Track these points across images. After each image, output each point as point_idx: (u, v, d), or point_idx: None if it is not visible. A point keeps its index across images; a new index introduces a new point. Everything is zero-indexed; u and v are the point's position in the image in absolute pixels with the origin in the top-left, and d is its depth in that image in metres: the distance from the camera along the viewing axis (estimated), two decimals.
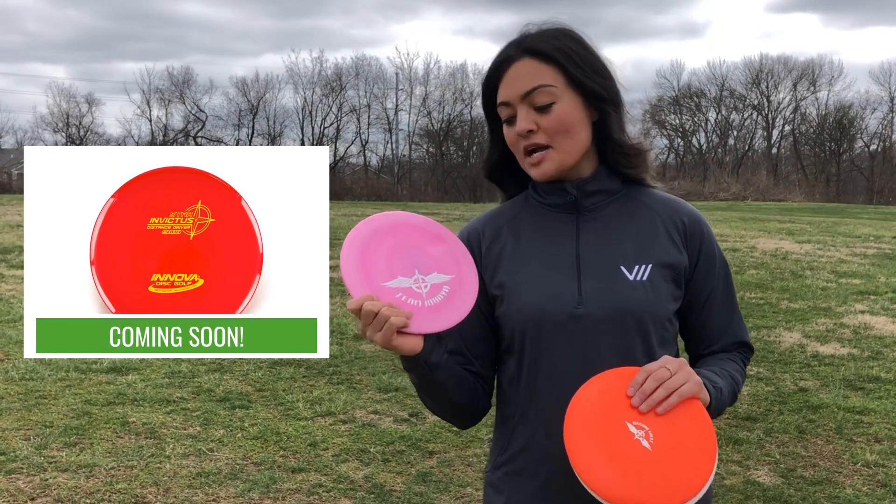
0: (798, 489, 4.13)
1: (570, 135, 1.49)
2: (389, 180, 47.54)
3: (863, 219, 21.83)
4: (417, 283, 1.44)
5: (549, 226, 1.56)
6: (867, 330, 7.75)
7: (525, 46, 1.50)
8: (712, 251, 1.58)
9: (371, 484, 4.09)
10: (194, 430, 4.79)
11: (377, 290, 1.41)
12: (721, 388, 1.46)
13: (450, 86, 50.17)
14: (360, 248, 1.44)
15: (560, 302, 1.48)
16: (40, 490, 3.92)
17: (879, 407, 5.40)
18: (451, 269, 1.47)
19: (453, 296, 1.45)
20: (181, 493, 3.93)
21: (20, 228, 14.84)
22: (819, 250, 13.55)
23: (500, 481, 1.58)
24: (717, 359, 1.59)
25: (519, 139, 1.50)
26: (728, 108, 52.35)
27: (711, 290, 1.57)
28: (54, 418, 4.90)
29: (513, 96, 1.49)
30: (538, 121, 1.48)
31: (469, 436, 4.73)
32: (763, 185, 39.48)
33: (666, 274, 1.50)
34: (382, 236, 1.46)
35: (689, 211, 1.58)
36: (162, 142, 51.69)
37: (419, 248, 1.47)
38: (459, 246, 1.51)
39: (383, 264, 1.44)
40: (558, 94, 1.48)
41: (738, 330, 1.63)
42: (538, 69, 1.48)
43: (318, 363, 6.31)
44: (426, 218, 1.53)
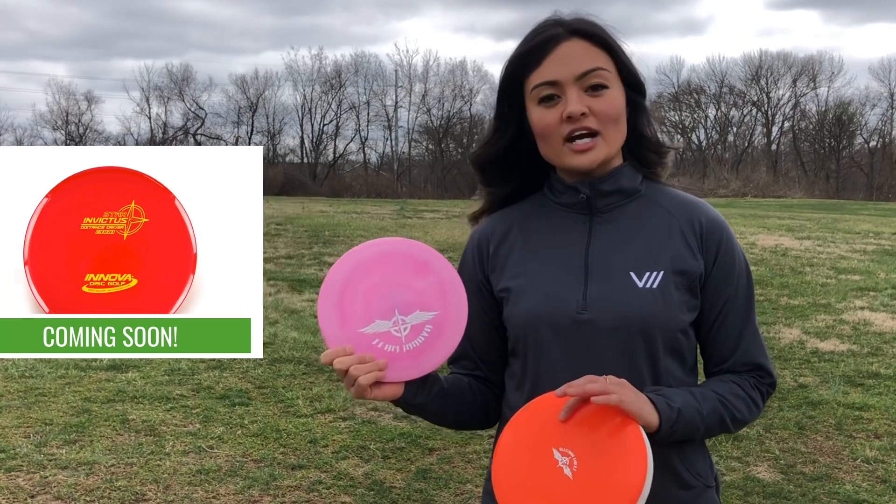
0: (798, 485, 4.14)
1: (617, 124, 1.44)
2: (389, 177, 47.49)
3: (862, 215, 21.82)
4: (396, 325, 1.40)
5: (561, 227, 1.50)
6: (867, 326, 7.75)
7: (573, 28, 1.43)
8: (731, 257, 1.47)
9: (371, 481, 4.09)
10: (194, 428, 4.79)
11: (353, 338, 1.39)
12: (679, 409, 1.34)
13: (449, 82, 50.14)
14: (339, 288, 1.41)
15: (564, 306, 1.43)
16: (40, 487, 3.92)
17: (879, 403, 5.40)
18: (435, 304, 1.41)
19: (436, 336, 1.41)
20: (181, 491, 3.93)
21: None
22: (819, 247, 13.54)
23: None
24: (717, 380, 1.48)
25: (561, 123, 1.41)
26: (728, 105, 52.30)
27: (727, 300, 1.46)
28: (54, 416, 4.90)
29: (564, 76, 1.40)
30: (590, 105, 1.40)
31: (469, 433, 4.73)
32: (763, 182, 39.43)
33: (679, 282, 1.42)
34: (364, 274, 1.42)
35: (708, 213, 1.49)
36: (161, 139, 51.71)
37: (403, 285, 1.41)
38: (449, 274, 1.43)
39: (360, 308, 1.40)
40: (611, 78, 1.43)
41: (753, 349, 1.49)
42: (592, 51, 1.42)
43: (317, 360, 6.31)
44: (416, 244, 1.45)
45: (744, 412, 1.45)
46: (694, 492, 1.47)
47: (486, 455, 4.45)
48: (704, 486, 1.49)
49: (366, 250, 1.44)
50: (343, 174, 48.29)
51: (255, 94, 50.26)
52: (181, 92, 51.15)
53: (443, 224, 16.93)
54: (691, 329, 1.46)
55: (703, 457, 1.51)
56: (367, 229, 15.85)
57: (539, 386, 1.45)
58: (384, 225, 16.97)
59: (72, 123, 52.01)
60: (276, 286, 9.58)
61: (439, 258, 1.44)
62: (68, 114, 51.77)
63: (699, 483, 1.48)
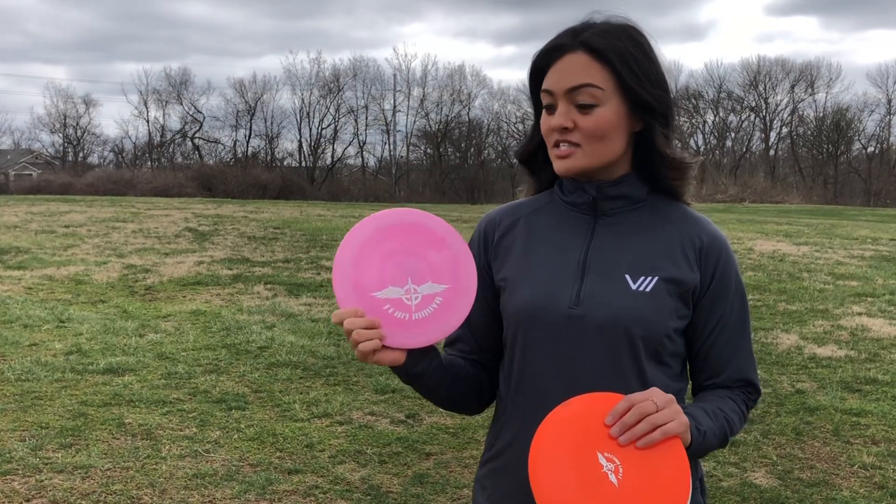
0: (795, 491, 4.13)
1: (603, 141, 1.45)
2: (387, 181, 47.52)
3: (860, 221, 21.84)
4: (408, 293, 1.42)
5: (566, 224, 1.53)
6: (864, 332, 7.75)
7: (583, 39, 1.44)
8: (728, 277, 1.50)
9: (367, 485, 4.08)
10: (190, 432, 4.77)
11: (365, 301, 1.40)
12: (705, 432, 1.39)
13: (447, 87, 50.26)
14: (356, 250, 1.42)
15: (556, 301, 1.46)
16: (35, 491, 3.91)
17: (876, 409, 5.40)
18: (447, 279, 1.44)
19: (444, 309, 1.42)
20: (177, 495, 3.91)
21: (17, 229, 14.82)
22: (816, 252, 13.55)
23: (485, 478, 1.59)
24: (716, 395, 1.51)
25: (552, 131, 1.46)
26: (726, 110, 52.46)
27: (721, 317, 1.49)
28: (50, 419, 4.88)
29: (557, 88, 1.44)
30: (577, 119, 1.43)
31: (466, 437, 4.72)
32: (760, 187, 39.48)
33: (672, 289, 1.45)
34: (382, 239, 1.43)
35: (711, 231, 1.51)
36: (159, 142, 51.65)
37: (418, 254, 1.43)
38: (464, 253, 1.46)
39: (375, 271, 1.41)
40: (603, 97, 1.43)
41: (745, 366, 1.53)
42: (589, 67, 1.43)
43: (314, 364, 6.30)
44: (436, 218, 1.47)
45: (737, 427, 1.50)
46: None
47: None
48: None
49: (387, 217, 1.45)
50: (341, 178, 48.34)
51: (254, 97, 50.36)
52: (179, 95, 51.14)
53: None
54: (679, 336, 1.49)
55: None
56: None
57: (524, 379, 1.49)
58: None
59: (70, 126, 51.96)
60: (273, 290, 9.57)
61: (456, 235, 1.46)
62: (66, 117, 51.75)
63: None
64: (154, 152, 52.09)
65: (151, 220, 17.15)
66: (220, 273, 10.60)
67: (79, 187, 34.00)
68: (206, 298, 9.00)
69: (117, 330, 7.27)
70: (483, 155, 49.14)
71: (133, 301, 8.75)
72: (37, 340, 6.78)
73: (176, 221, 17.15)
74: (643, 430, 1.28)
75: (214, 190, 35.32)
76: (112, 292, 9.23)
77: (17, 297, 8.66)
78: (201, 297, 9.04)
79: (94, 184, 34.80)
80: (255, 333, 7.26)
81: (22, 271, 10.32)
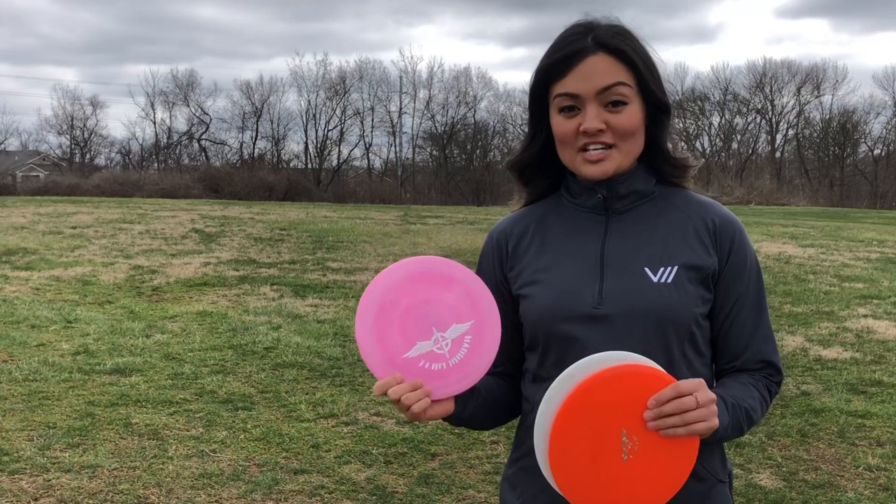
0: (800, 493, 4.13)
1: (634, 138, 1.47)
2: (393, 183, 47.51)
3: (866, 223, 21.79)
4: (437, 343, 1.43)
5: (578, 226, 1.54)
6: (870, 334, 7.74)
7: (601, 41, 1.45)
8: (744, 255, 1.51)
9: (373, 486, 4.10)
10: (197, 432, 4.80)
11: (399, 366, 1.42)
12: (726, 428, 1.41)
13: (453, 89, 50.24)
14: (373, 321, 1.42)
15: (579, 301, 1.47)
16: (43, 490, 3.93)
17: (882, 411, 5.39)
18: (469, 314, 1.44)
19: (476, 344, 1.44)
20: (184, 495, 3.94)
21: (24, 231, 14.88)
22: (822, 254, 13.53)
23: (514, 476, 1.60)
24: (738, 382, 1.51)
25: (578, 134, 1.45)
26: (732, 113, 52.35)
27: (739, 297, 1.50)
28: (57, 419, 4.91)
29: (586, 90, 1.44)
30: (608, 120, 1.44)
31: (471, 438, 4.74)
32: (767, 189, 39.40)
33: (693, 276, 1.46)
34: (393, 303, 1.42)
35: (722, 212, 1.53)
36: (166, 144, 51.77)
37: (433, 302, 1.43)
38: (473, 281, 1.46)
39: (399, 334, 1.42)
40: (632, 95, 1.45)
41: (765, 347, 1.53)
42: (616, 67, 1.44)
43: (320, 365, 6.32)
44: (435, 259, 1.46)
45: (759, 414, 1.50)
46: (705, 485, 1.51)
47: (488, 460, 4.45)
48: (717, 480, 1.54)
49: (388, 277, 1.44)
50: (347, 180, 48.34)
51: (260, 99, 50.41)
52: (186, 97, 51.26)
53: (446, 230, 16.89)
54: (705, 321, 1.50)
55: (716, 453, 1.54)
56: (371, 235, 15.87)
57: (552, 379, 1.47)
58: (388, 230, 16.98)
59: (77, 128, 52.12)
60: (279, 291, 9.59)
61: (460, 268, 1.46)
62: (73, 118, 51.91)
63: (711, 477, 1.52)
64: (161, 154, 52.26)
65: (158, 222, 17.21)
66: (227, 274, 10.64)
67: (86, 189, 34.09)
68: (213, 299, 9.03)
69: (124, 330, 7.31)
70: (489, 157, 49.12)
71: (140, 302, 8.78)
72: (44, 341, 6.81)
73: (183, 223, 17.20)
74: (672, 424, 1.30)
75: (221, 191, 35.40)
76: (119, 293, 9.27)
77: (25, 297, 8.70)
78: (208, 298, 9.07)
79: (101, 185, 34.89)
80: (261, 334, 7.29)
81: (29, 272, 10.37)
